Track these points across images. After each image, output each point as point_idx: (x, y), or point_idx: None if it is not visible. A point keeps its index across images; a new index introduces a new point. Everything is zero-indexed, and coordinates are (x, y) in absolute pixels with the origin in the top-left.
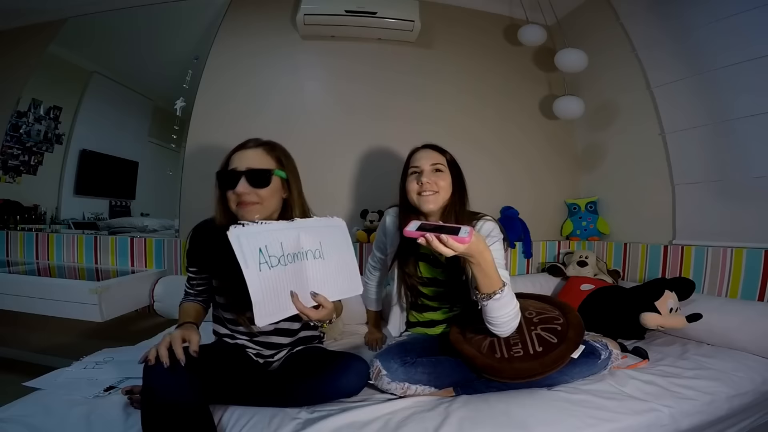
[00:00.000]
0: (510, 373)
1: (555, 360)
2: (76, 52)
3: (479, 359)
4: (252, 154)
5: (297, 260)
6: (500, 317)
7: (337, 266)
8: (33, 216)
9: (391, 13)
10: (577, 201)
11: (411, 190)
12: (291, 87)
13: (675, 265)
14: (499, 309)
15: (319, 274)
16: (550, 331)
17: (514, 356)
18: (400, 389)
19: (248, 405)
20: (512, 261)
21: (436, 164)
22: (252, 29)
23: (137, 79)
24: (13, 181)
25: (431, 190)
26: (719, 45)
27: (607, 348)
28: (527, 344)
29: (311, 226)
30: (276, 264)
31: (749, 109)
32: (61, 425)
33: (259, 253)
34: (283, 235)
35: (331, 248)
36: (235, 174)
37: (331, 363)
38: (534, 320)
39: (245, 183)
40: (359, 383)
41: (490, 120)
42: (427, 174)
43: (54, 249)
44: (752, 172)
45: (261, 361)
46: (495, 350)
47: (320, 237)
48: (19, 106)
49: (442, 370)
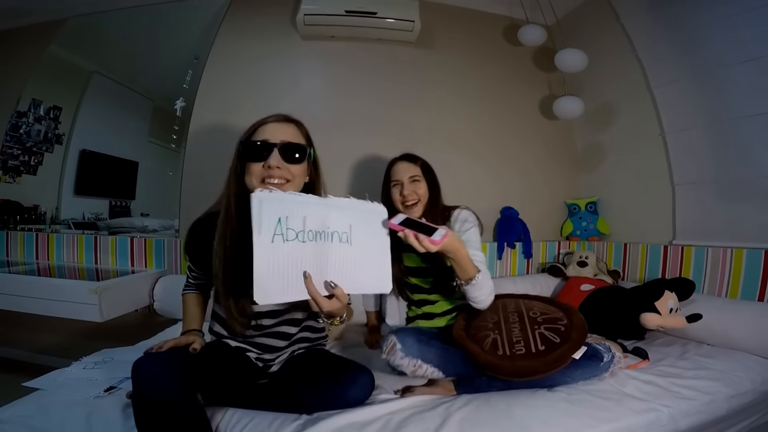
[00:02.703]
0: (511, 371)
1: (556, 359)
2: (76, 52)
3: (481, 356)
4: (286, 128)
5: (319, 240)
6: (478, 296)
7: (366, 256)
8: (33, 216)
9: (391, 13)
10: (577, 201)
11: (395, 200)
12: (291, 87)
13: (675, 265)
14: (476, 291)
15: (342, 261)
16: (553, 331)
17: (516, 354)
18: (411, 366)
19: (249, 408)
20: (512, 261)
21: (413, 176)
22: (252, 29)
23: (137, 79)
24: (13, 181)
25: (412, 200)
26: (719, 45)
27: (610, 351)
28: (530, 343)
29: (344, 206)
30: (293, 238)
31: (749, 109)
32: (61, 425)
33: (277, 223)
34: (309, 210)
35: (362, 235)
36: (267, 146)
37: (336, 374)
38: (538, 320)
39: (278, 156)
40: (364, 395)
41: (489, 120)
42: (406, 186)
43: (54, 249)
44: (752, 172)
45: (260, 364)
46: (497, 347)
47: (352, 220)
48: (19, 106)
49: (450, 357)
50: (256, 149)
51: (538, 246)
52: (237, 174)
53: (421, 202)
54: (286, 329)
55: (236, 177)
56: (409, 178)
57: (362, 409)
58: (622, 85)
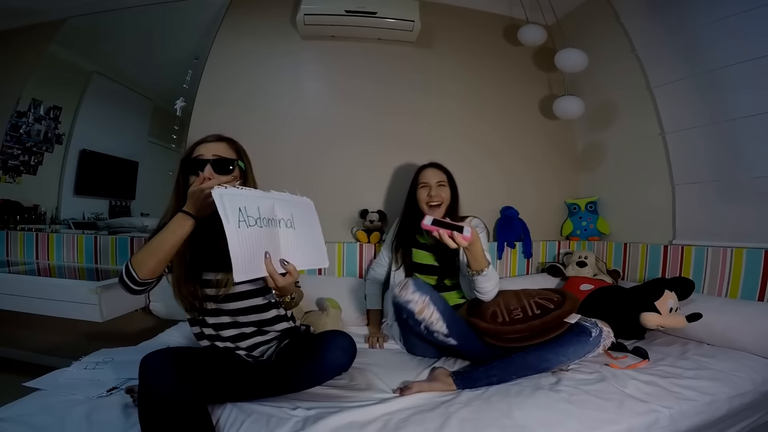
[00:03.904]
0: (510, 333)
1: (553, 318)
2: (76, 52)
3: (482, 324)
4: (217, 146)
5: (271, 226)
6: (486, 287)
7: (306, 238)
8: (33, 216)
9: (391, 13)
10: (577, 201)
11: (421, 200)
12: (291, 87)
13: (675, 265)
14: (485, 282)
15: (290, 242)
16: (547, 300)
17: (514, 318)
18: (420, 302)
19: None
20: (512, 261)
21: (440, 181)
22: (252, 29)
23: (137, 79)
24: (13, 181)
25: (437, 201)
26: (719, 45)
27: (597, 325)
28: (526, 309)
29: (284, 199)
30: (254, 224)
31: (749, 109)
32: (61, 425)
33: (239, 212)
34: (260, 201)
35: (301, 221)
36: (201, 161)
37: (314, 342)
38: (533, 293)
39: (210, 169)
40: (344, 356)
41: (490, 120)
42: (434, 188)
43: (54, 249)
44: (752, 172)
45: (251, 360)
46: (497, 317)
47: (292, 210)
48: (19, 106)
49: (455, 320)
50: (193, 165)
51: (538, 246)
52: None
53: (443, 204)
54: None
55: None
56: (436, 182)
57: (362, 409)
58: (622, 85)
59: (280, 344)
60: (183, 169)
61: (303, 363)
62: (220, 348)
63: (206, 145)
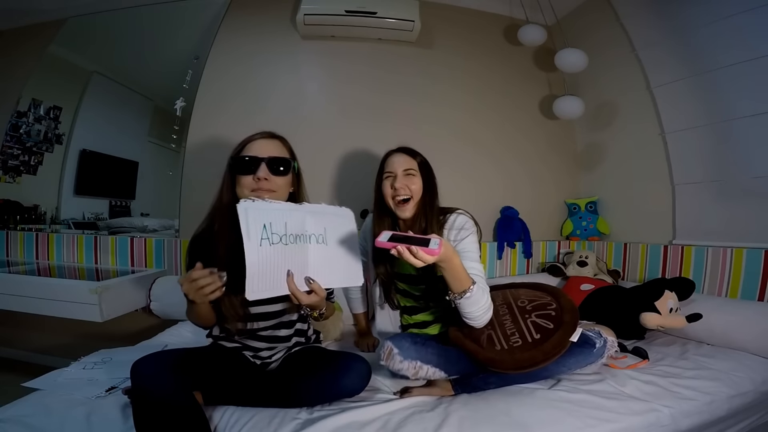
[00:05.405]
0: (512, 364)
1: (555, 346)
2: (76, 52)
3: (481, 353)
4: (271, 144)
5: (299, 242)
6: (473, 312)
7: (339, 254)
8: (33, 216)
9: (391, 13)
10: (577, 201)
11: (386, 194)
12: (291, 87)
13: (675, 265)
14: (471, 305)
15: (319, 259)
16: (545, 318)
17: (513, 347)
18: (412, 368)
19: (248, 406)
20: (512, 261)
21: (408, 169)
22: (252, 29)
23: (137, 79)
24: (13, 181)
25: (404, 195)
26: (719, 45)
27: (601, 336)
28: (524, 333)
29: (318, 212)
30: (277, 242)
31: (749, 109)
32: (61, 425)
33: (263, 229)
34: (288, 216)
35: (334, 236)
36: (256, 160)
37: (331, 363)
38: (527, 308)
39: (266, 169)
40: (360, 383)
41: (490, 120)
42: (399, 178)
43: (54, 249)
44: (752, 172)
45: (258, 362)
46: (494, 342)
47: (325, 223)
48: (19, 106)
49: (449, 356)
50: (246, 164)
51: (538, 246)
52: (229, 186)
53: (413, 199)
54: (281, 332)
55: (228, 189)
56: (403, 171)
57: (362, 409)
58: (622, 85)
59: (290, 350)
60: (232, 168)
61: (317, 385)
62: (227, 348)
63: (259, 142)
